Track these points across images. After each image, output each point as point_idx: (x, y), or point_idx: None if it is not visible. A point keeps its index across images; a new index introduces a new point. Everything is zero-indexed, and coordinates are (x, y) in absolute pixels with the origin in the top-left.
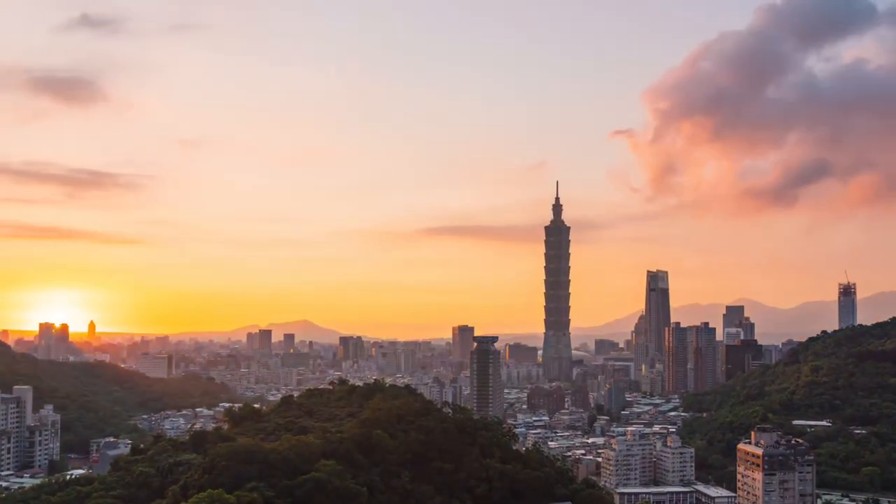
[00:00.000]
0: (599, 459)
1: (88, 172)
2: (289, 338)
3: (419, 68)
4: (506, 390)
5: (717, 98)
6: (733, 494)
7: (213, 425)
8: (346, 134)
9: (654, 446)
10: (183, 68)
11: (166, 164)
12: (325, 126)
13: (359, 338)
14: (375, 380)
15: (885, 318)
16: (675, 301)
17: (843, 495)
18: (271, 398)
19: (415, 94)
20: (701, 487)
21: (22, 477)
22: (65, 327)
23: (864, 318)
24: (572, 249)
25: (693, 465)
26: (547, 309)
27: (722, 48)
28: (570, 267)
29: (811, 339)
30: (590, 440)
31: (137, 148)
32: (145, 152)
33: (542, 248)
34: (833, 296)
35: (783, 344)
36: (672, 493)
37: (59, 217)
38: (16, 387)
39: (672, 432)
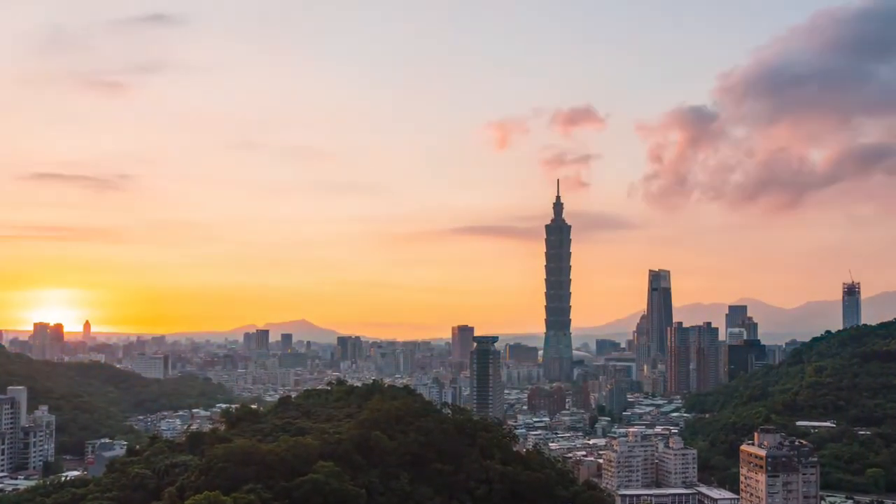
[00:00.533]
0: (601, 461)
1: (104, 173)
2: (286, 338)
3: (427, 66)
4: (506, 391)
5: (781, 83)
6: (736, 496)
7: (210, 426)
8: (349, 132)
9: (656, 447)
10: (215, 66)
11: (172, 163)
12: (326, 124)
13: (357, 338)
14: (374, 380)
15: (889, 317)
16: (678, 301)
17: (847, 497)
18: (269, 399)
19: (419, 95)
20: (703, 489)
21: (16, 479)
22: (59, 327)
23: (869, 317)
24: (573, 248)
25: (695, 466)
26: (547, 309)
27: (818, 26)
28: (570, 266)
29: (815, 339)
30: (591, 441)
31: (144, 147)
32: (152, 151)
33: (542, 247)
34: (837, 295)
35: (786, 344)
36: (674, 494)
37: (63, 217)
38: (10, 387)
39: (674, 433)
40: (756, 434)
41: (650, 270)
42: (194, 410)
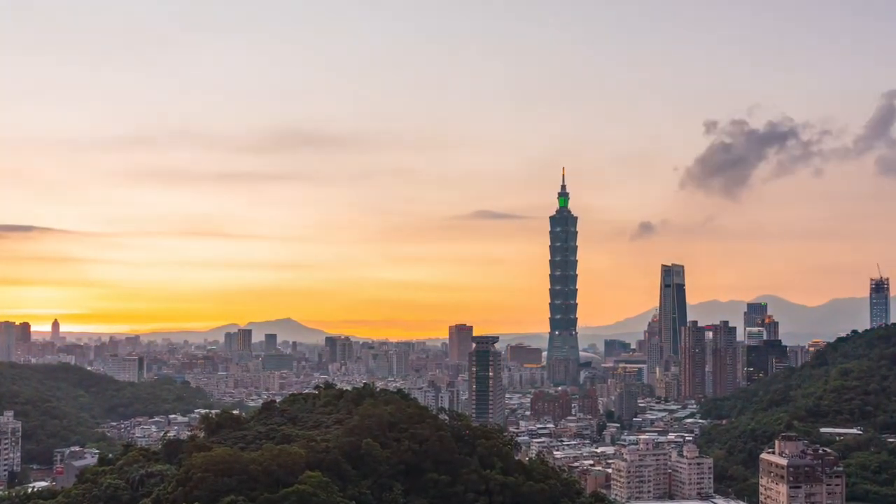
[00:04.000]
0: (609, 470)
1: None
2: (270, 338)
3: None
4: (507, 395)
5: None
6: None
7: (188, 433)
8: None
9: (669, 456)
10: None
11: None
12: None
13: (347, 338)
14: (365, 384)
15: None
16: (692, 298)
17: None
18: (251, 404)
19: (410, 78)
20: (720, 501)
21: None
22: (26, 326)
23: None
24: (580, 241)
25: (711, 476)
26: (552, 306)
27: None
28: (577, 261)
29: (840, 340)
30: (599, 449)
31: None
32: None
33: (547, 240)
34: (864, 292)
35: (810, 344)
36: None
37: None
38: None
39: (689, 441)
40: (777, 441)
41: (663, 265)
42: (171, 416)
